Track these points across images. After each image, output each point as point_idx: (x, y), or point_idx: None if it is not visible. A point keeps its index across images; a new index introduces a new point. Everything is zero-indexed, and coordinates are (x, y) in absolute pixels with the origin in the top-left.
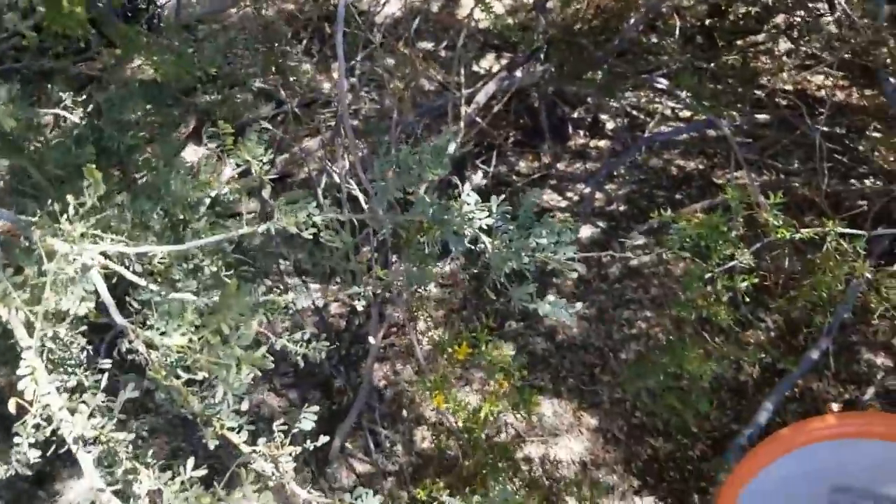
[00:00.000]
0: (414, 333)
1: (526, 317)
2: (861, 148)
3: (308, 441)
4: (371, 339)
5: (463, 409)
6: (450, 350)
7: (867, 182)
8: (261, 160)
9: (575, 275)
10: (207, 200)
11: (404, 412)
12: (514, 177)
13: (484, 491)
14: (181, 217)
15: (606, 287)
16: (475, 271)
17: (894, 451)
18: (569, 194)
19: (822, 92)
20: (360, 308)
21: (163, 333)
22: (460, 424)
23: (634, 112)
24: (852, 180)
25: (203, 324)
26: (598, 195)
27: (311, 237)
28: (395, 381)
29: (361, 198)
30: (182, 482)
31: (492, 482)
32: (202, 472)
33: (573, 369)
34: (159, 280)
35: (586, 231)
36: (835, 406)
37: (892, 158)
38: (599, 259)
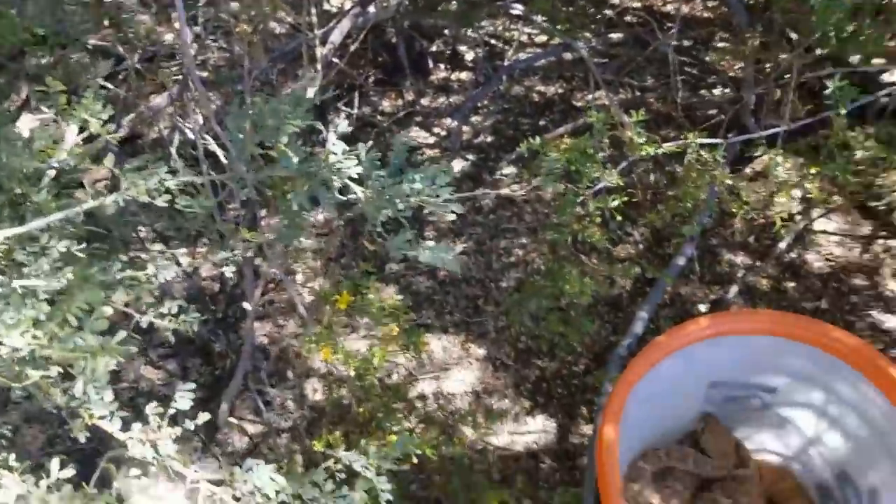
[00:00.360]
0: (293, 287)
1: (406, 257)
2: (709, 59)
3: (188, 420)
4: (247, 304)
5: (353, 359)
6: (332, 300)
7: (716, 92)
8: (101, 118)
9: (452, 216)
10: (52, 173)
11: (291, 368)
12: (379, 117)
13: (381, 434)
14: (20, 192)
15: (482, 219)
16: (350, 216)
17: (760, 343)
18: (436, 130)
19: (669, 6)
20: (229, 274)
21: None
22: (352, 373)
23: (493, 41)
24: (703, 91)
25: (49, 316)
26: (465, 128)
27: (166, 204)
28: (278, 338)
29: (220, 153)
30: (49, 486)
31: (388, 424)
32: (70, 471)
33: (457, 304)
34: (3, 264)
35: (457, 165)
36: (702, 307)
37: (738, 66)
38: (472, 192)
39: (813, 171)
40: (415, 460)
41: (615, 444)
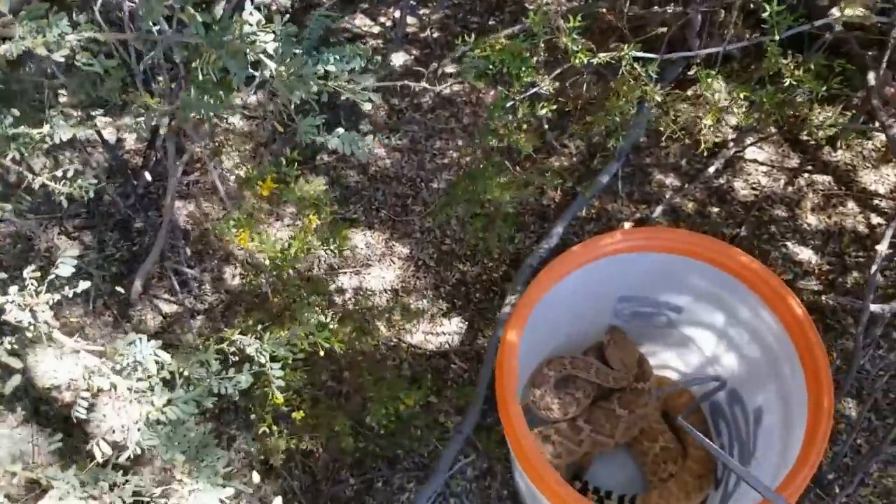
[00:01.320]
0: (214, 168)
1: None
2: None
3: (67, 287)
4: (170, 177)
5: (271, 247)
6: (256, 186)
7: (668, 8)
8: None
9: (368, 106)
10: None
11: (211, 251)
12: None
13: (293, 325)
14: None
15: (419, 117)
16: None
17: (670, 261)
18: (381, 19)
19: None
20: (163, 130)
21: None
22: (268, 262)
23: None
24: (656, 7)
25: None
26: (412, 20)
27: (63, 59)
28: (200, 220)
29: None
30: None
31: (303, 314)
32: None
33: (386, 201)
34: None
35: (399, 58)
36: (627, 224)
37: None
38: (413, 88)
39: (742, 95)
40: (321, 353)
41: (515, 349)
